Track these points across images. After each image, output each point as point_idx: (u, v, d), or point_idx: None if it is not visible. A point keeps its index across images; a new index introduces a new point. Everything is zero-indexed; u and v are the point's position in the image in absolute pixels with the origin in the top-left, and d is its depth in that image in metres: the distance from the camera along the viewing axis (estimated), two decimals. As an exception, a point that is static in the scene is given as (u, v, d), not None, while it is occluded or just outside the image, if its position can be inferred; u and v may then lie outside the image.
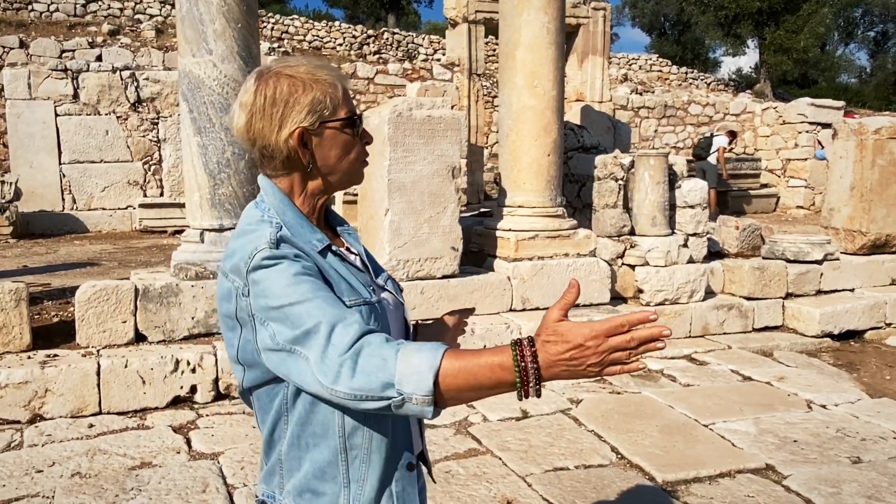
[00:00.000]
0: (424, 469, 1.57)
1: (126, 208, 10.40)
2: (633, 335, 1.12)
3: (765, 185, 14.39)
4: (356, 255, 1.47)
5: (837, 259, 6.83)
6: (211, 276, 4.88)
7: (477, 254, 6.08)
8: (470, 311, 1.76)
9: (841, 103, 14.67)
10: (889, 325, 6.52)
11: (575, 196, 6.82)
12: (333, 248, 1.39)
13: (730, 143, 12.55)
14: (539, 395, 1.13)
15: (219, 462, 3.66)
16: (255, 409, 1.42)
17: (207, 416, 4.29)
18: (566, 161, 6.53)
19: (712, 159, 12.13)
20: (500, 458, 3.73)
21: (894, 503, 3.27)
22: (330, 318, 1.20)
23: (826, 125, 13.37)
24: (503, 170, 6.03)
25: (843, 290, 6.80)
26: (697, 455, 3.81)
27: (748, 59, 44.72)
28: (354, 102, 1.42)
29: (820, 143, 13.29)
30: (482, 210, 7.55)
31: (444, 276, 5.39)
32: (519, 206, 5.82)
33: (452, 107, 5.83)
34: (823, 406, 4.57)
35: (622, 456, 3.80)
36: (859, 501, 3.29)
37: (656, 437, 4.04)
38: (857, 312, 6.41)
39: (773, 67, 24.82)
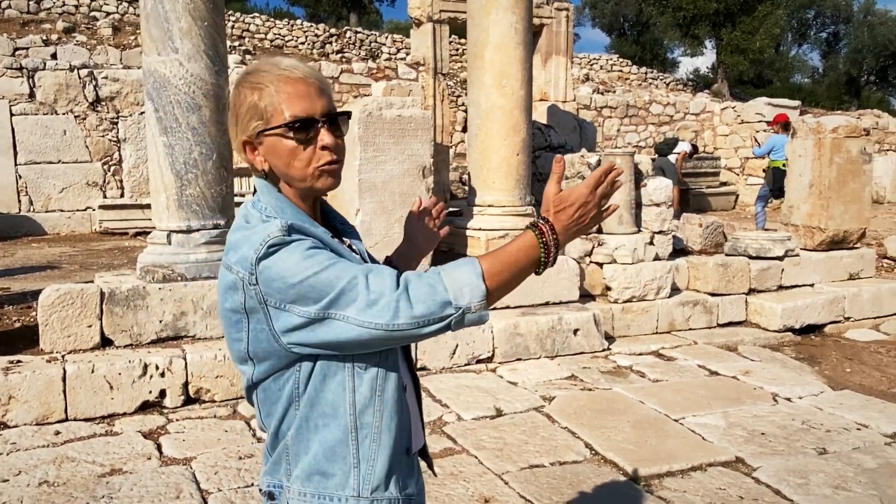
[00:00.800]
0: (424, 465, 1.57)
1: (85, 210, 10.16)
2: (607, 180, 1.33)
3: (724, 184, 14.67)
4: (357, 252, 1.48)
5: (798, 255, 7.00)
6: (179, 278, 4.80)
7: (447, 253, 6.09)
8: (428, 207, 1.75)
9: (797, 103, 15.05)
10: (848, 318, 6.71)
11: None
12: (335, 241, 1.40)
13: (691, 155, 12.78)
14: (554, 264, 1.32)
15: (191, 467, 3.60)
16: (259, 405, 1.41)
17: (178, 420, 4.22)
18: (534, 160, 6.58)
19: (672, 158, 12.35)
20: (476, 457, 3.74)
21: (860, 492, 3.37)
22: (360, 272, 1.25)
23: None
24: (472, 169, 6.05)
25: (804, 285, 6.98)
26: (669, 449, 3.87)
27: (705, 60, 45.63)
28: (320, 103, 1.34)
29: (757, 140, 13.61)
30: (451, 209, 7.56)
31: (416, 276, 5.39)
32: (489, 206, 5.85)
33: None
34: (788, 399, 4.68)
35: (596, 452, 3.85)
36: (826, 491, 3.38)
37: (629, 432, 4.09)
38: (817, 307, 6.58)
39: (729, 68, 25.34)
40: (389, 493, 1.37)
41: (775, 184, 10.10)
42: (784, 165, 9.83)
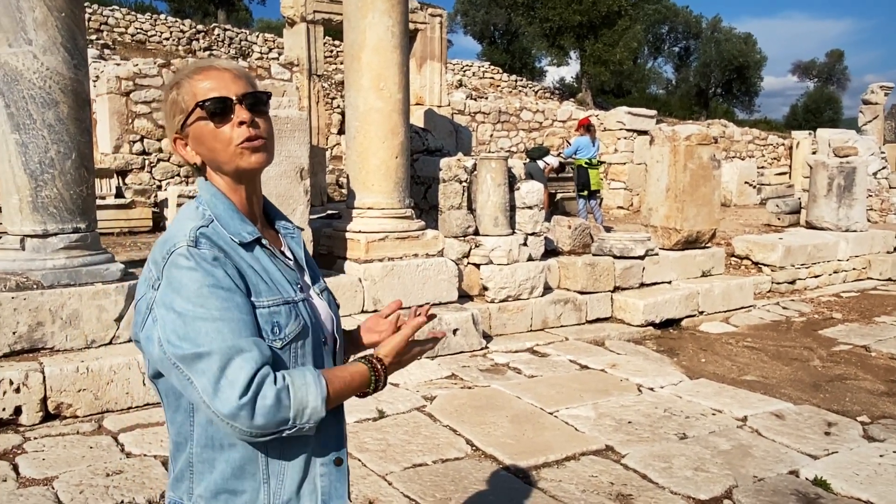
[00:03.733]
0: None
1: (-81, 213, 9.19)
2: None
3: (589, 187, 15.34)
4: (290, 258, 1.46)
5: (657, 254, 7.49)
6: (34, 286, 4.46)
7: (326, 256, 6.03)
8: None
9: (654, 112, 16.02)
10: (702, 312, 7.25)
11: (421, 198, 6.95)
12: (264, 241, 1.38)
13: (557, 171, 13.36)
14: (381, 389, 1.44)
15: (53, 488, 3.36)
16: (163, 404, 1.39)
17: (36, 439, 3.93)
18: (412, 163, 6.64)
19: (541, 164, 12.83)
20: (359, 460, 3.74)
21: (716, 472, 3.66)
22: (226, 348, 1.22)
23: (642, 132, 14.54)
24: (351, 171, 6.02)
25: (663, 282, 7.47)
26: (545, 441, 4.03)
27: (570, 70, 47.69)
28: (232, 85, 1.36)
29: (568, 141, 14.49)
30: (329, 212, 7.49)
31: (294, 280, 5.29)
32: (368, 208, 5.85)
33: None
34: (651, 389, 5.00)
35: (477, 448, 3.94)
36: (687, 473, 3.65)
37: (507, 427, 4.23)
38: (674, 302, 7.06)
39: (592, 78, 26.66)
40: None
41: (579, 180, 11.48)
42: (586, 164, 11.18)
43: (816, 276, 8.89)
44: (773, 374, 5.55)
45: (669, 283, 7.49)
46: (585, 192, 11.43)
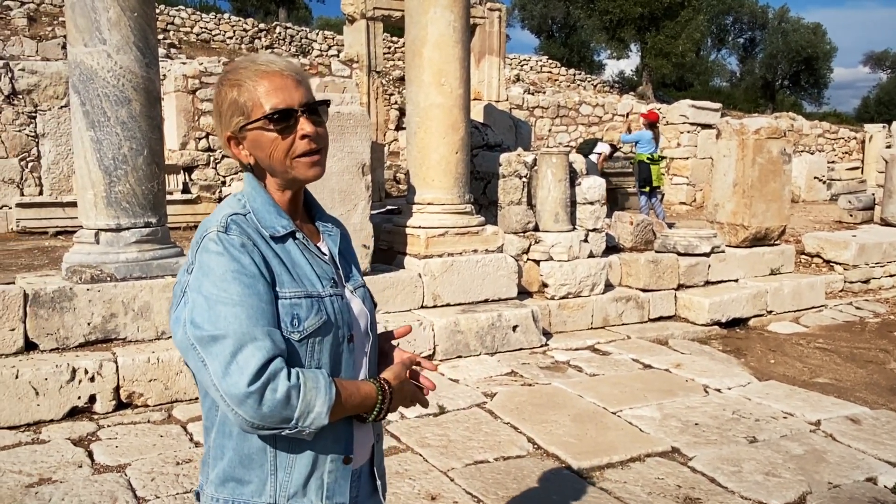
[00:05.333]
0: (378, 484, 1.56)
1: (1, 208, 9.63)
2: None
3: (650, 183, 15.02)
4: (326, 253, 1.46)
5: (723, 251, 7.27)
6: (108, 278, 4.61)
7: (386, 251, 6.06)
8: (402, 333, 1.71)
9: (718, 105, 15.59)
10: (770, 312, 7.01)
11: (481, 193, 6.92)
12: (298, 235, 1.40)
13: (610, 155, 13.14)
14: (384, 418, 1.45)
15: (126, 474, 3.47)
16: (198, 390, 1.42)
17: (109, 426, 4.06)
18: (472, 159, 6.61)
19: (594, 157, 12.64)
20: (420, 455, 3.74)
21: (789, 477, 3.53)
22: (241, 334, 1.24)
23: (706, 126, 14.17)
24: (412, 167, 6.03)
25: (729, 280, 7.25)
26: (609, 441, 3.96)
27: (630, 63, 46.92)
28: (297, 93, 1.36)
29: (630, 129, 14.16)
30: (389, 207, 7.52)
31: (355, 275, 5.33)
32: (428, 204, 5.85)
33: (358, 103, 5.81)
34: (718, 390, 4.86)
35: (539, 446, 3.90)
36: (758, 478, 3.53)
37: (569, 425, 4.17)
38: (741, 301, 6.85)
39: (654, 70, 26.13)
40: (308, 500, 1.37)
41: (640, 175, 11.26)
42: (648, 159, 10.93)
43: (892, 276, 8.51)
44: (847, 377, 5.33)
45: (736, 281, 7.28)
46: (647, 188, 11.22)
